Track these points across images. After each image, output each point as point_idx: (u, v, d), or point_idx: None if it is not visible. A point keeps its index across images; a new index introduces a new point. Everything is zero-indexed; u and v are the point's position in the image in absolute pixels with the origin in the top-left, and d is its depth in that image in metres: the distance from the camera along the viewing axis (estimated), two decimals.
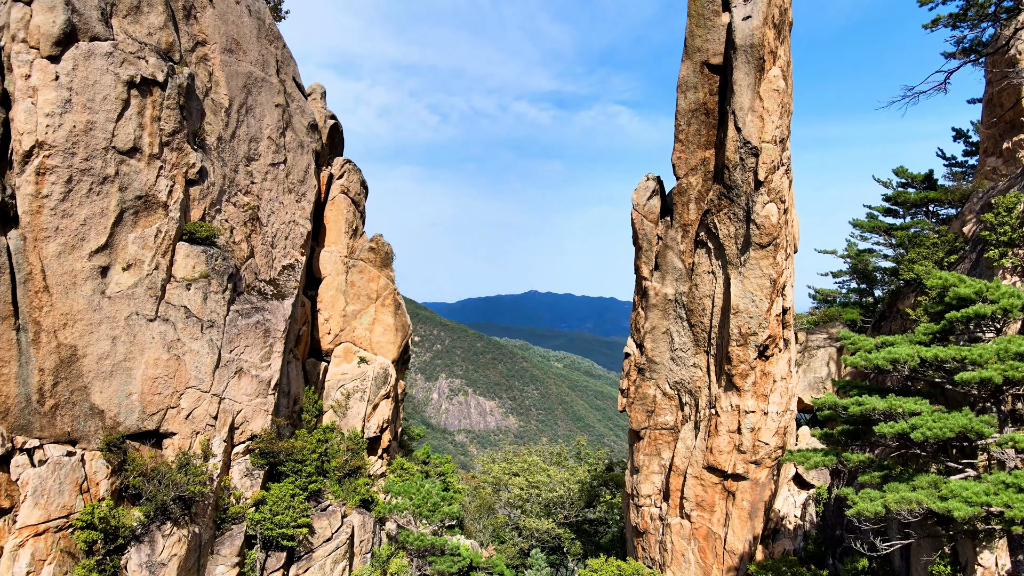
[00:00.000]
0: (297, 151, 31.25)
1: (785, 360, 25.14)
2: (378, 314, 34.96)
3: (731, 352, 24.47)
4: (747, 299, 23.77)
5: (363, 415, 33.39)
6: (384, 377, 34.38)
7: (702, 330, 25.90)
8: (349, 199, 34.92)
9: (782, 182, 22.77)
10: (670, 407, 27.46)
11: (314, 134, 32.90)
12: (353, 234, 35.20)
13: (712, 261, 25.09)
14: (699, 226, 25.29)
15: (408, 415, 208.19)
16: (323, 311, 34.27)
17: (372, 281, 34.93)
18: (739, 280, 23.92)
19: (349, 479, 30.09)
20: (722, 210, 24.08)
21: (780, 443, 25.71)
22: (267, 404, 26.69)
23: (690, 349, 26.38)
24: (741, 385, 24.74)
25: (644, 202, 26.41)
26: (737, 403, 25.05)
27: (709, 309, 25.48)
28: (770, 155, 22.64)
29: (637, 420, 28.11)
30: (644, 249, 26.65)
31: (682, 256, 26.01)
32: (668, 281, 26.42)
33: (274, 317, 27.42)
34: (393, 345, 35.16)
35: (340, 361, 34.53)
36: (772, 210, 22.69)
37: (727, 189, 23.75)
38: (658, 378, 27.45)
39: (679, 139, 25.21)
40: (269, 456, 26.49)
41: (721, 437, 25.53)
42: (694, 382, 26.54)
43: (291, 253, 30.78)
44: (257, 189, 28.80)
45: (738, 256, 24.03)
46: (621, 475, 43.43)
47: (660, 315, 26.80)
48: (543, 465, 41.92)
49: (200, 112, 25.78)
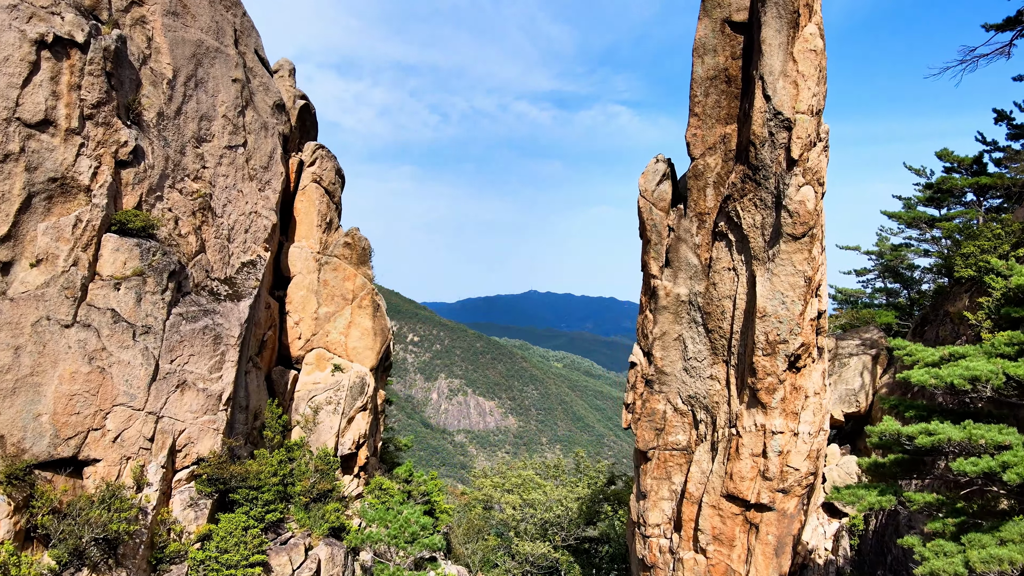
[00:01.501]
0: (259, 133, 27.30)
1: (819, 372, 21.18)
2: (354, 316, 31.01)
3: (756, 363, 20.53)
4: (776, 300, 19.82)
5: (336, 430, 29.45)
6: (361, 386, 30.44)
7: (721, 337, 21.95)
8: (322, 189, 30.96)
9: (820, 161, 18.82)
10: (682, 425, 23.51)
11: (280, 115, 28.93)
12: (327, 228, 31.26)
13: (733, 256, 21.12)
14: (718, 215, 21.33)
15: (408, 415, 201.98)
16: (292, 313, 30.31)
17: (348, 280, 30.98)
18: (767, 278, 19.97)
19: (317, 504, 26.13)
20: (746, 195, 20.11)
21: (812, 468, 21.76)
22: (217, 421, 22.75)
23: (706, 359, 22.42)
24: (767, 401, 20.79)
25: (653, 188, 22.38)
26: (762, 422, 21.10)
27: (729, 312, 21.53)
28: (805, 128, 18.69)
29: (644, 439, 24.16)
30: (653, 242, 22.66)
31: (697, 250, 22.05)
32: (681, 279, 22.46)
33: (227, 321, 23.48)
34: (371, 351, 31.20)
35: (312, 369, 30.59)
36: (808, 194, 18.73)
37: (753, 170, 19.79)
38: (669, 392, 23.50)
39: (694, 113, 21.22)
40: (218, 482, 22.55)
41: (743, 461, 21.59)
42: (711, 397, 22.58)
43: (252, 248, 26.82)
44: (210, 175, 24.85)
45: (765, 250, 20.06)
46: (623, 490, 39.43)
47: (671, 319, 22.85)
48: (539, 480, 37.97)
49: (135, 82, 21.83)
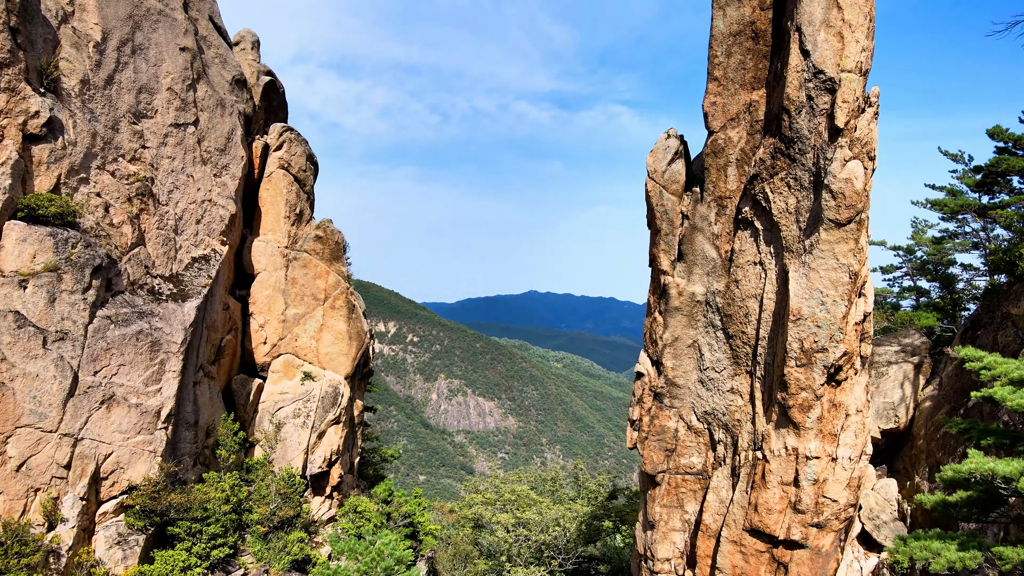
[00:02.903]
0: (215, 111, 23.74)
1: (862, 386, 17.61)
2: (327, 319, 27.45)
3: (787, 375, 16.96)
4: (814, 300, 16.23)
5: (305, 446, 25.87)
6: (334, 397, 26.87)
7: (744, 343, 18.38)
8: (290, 176, 27.40)
9: (869, 130, 15.27)
10: (697, 446, 19.94)
11: (241, 92, 25.37)
12: (297, 220, 27.70)
13: (760, 247, 17.55)
14: (742, 199, 17.75)
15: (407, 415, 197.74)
16: (257, 315, 26.75)
17: (319, 278, 27.41)
18: (802, 273, 16.39)
19: (278, 534, 22.56)
20: (777, 174, 16.53)
21: (852, 499, 18.19)
22: (153, 442, 19.20)
23: (726, 369, 18.85)
24: (801, 421, 17.22)
25: (663, 168, 18.80)
26: (794, 445, 17.52)
27: (754, 314, 17.95)
28: (853, 89, 15.14)
29: (653, 461, 20.58)
30: (663, 232, 19.07)
31: (716, 241, 18.48)
32: (696, 275, 18.89)
33: (168, 325, 19.92)
34: (346, 357, 27.64)
35: (279, 378, 27.02)
36: (855, 170, 15.16)
37: (786, 143, 16.22)
38: (681, 406, 19.93)
39: (714, 77, 17.66)
40: (154, 514, 19.00)
41: (770, 490, 18.00)
42: (731, 413, 19.01)
43: (206, 241, 23.26)
44: (151, 156, 21.30)
45: (800, 239, 16.49)
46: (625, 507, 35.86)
47: (685, 322, 19.28)
48: (534, 496, 34.33)
49: (52, 43, 18.28)
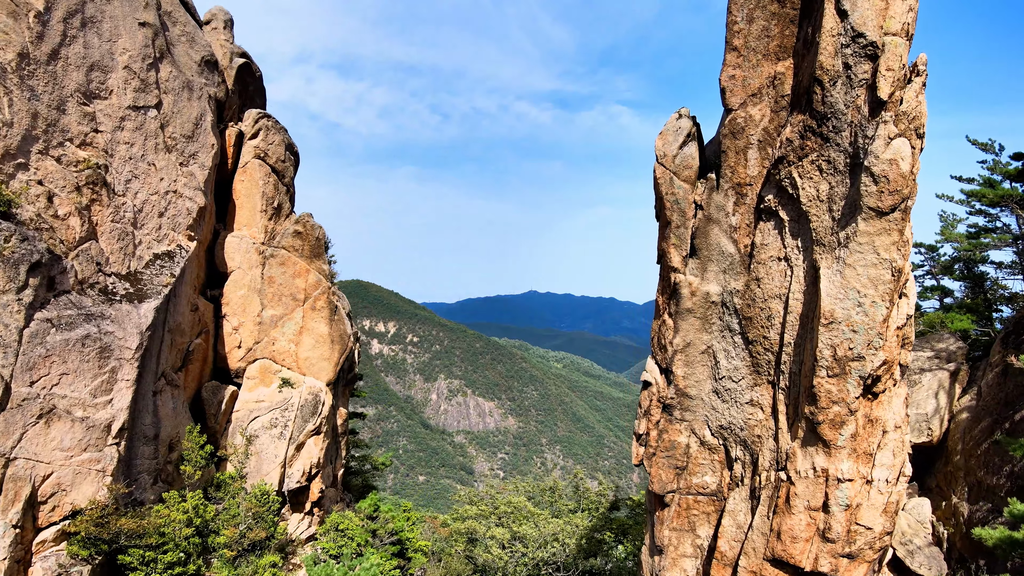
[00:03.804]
0: (180, 94, 21.52)
1: (901, 399, 15.37)
2: (307, 321, 25.23)
3: (817, 386, 14.73)
4: (849, 301, 13.99)
5: (283, 459, 23.65)
6: (314, 405, 24.64)
7: (765, 350, 16.14)
8: (267, 167, 25.17)
9: (917, 103, 13.05)
10: (711, 463, 17.70)
11: (211, 75, 23.14)
12: (275, 214, 25.48)
13: (785, 241, 15.30)
14: (764, 186, 15.51)
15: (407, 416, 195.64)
16: (230, 317, 24.53)
17: (298, 277, 25.19)
18: (835, 270, 14.15)
19: (248, 558, 20.35)
20: (807, 156, 14.29)
21: (888, 526, 15.93)
22: (102, 460, 16.99)
23: (745, 378, 16.61)
24: (832, 439, 14.98)
25: (674, 151, 16.54)
26: (824, 465, 15.29)
27: (778, 317, 15.71)
28: (898, 55, 12.91)
29: (661, 480, 18.34)
30: (674, 225, 16.81)
31: (734, 234, 16.23)
32: (711, 273, 16.65)
33: (120, 328, 17.70)
34: (328, 362, 25.42)
35: (255, 384, 24.79)
36: (901, 149, 12.93)
37: (818, 120, 13.98)
38: (693, 420, 17.69)
39: (733, 46, 15.42)
40: (101, 542, 16.76)
41: (796, 516, 15.76)
42: (750, 428, 16.77)
43: (170, 236, 21.03)
44: (105, 141, 19.07)
45: (834, 231, 14.24)
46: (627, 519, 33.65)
47: (698, 325, 17.03)
48: (531, 508, 32.09)
49: None
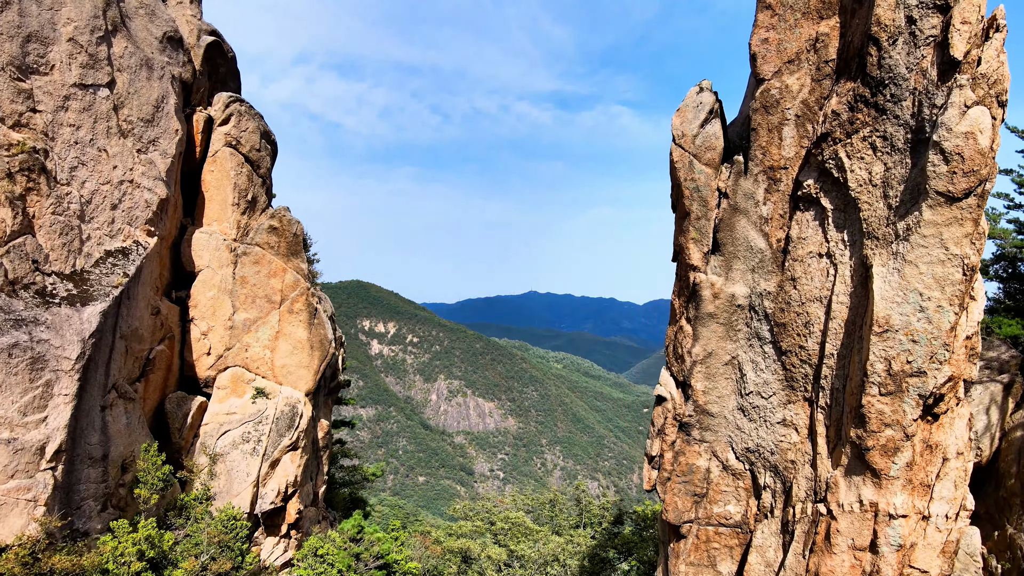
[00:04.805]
0: (138, 73, 19.11)
1: (964, 421, 12.95)
2: (284, 325, 22.82)
3: (867, 405, 12.32)
4: (910, 305, 11.58)
5: (255, 477, 21.24)
6: (291, 417, 22.23)
7: (802, 362, 13.72)
8: (240, 156, 22.75)
9: (999, 63, 10.67)
10: (735, 490, 15.27)
11: (175, 53, 20.73)
12: (248, 208, 23.06)
13: (828, 234, 12.88)
14: (802, 169, 13.09)
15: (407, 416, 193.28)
16: (199, 321, 22.12)
17: (274, 276, 22.78)
18: (892, 268, 11.74)
19: None
20: (857, 132, 11.88)
21: (947, 568, 13.52)
22: (33, 488, 14.58)
23: (776, 394, 14.19)
24: (883, 467, 12.57)
25: (694, 130, 14.10)
26: (872, 498, 12.87)
27: (818, 323, 13.29)
28: (976, 6, 10.53)
29: (676, 508, 15.91)
30: (694, 216, 14.39)
31: (765, 226, 13.80)
32: (738, 272, 14.23)
33: (57, 336, 15.29)
34: (307, 370, 23.02)
35: (226, 395, 22.38)
36: (980, 120, 10.54)
37: (872, 87, 11.57)
38: (715, 441, 15.27)
39: (766, 4, 12.99)
40: None
41: (837, 556, 13.36)
42: (783, 452, 14.34)
43: (125, 231, 18.62)
44: (45, 122, 16.66)
45: (891, 221, 11.82)
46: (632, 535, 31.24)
47: (722, 332, 14.61)
48: (530, 524, 29.65)
49: None
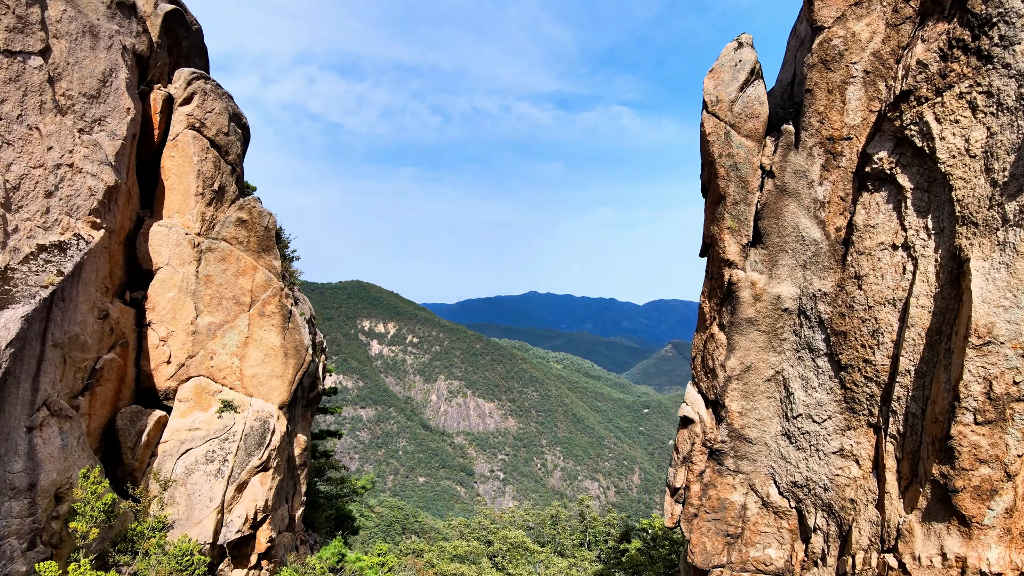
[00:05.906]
0: (80, 41, 16.47)
1: None
2: (254, 330, 20.17)
3: (957, 436, 9.65)
4: (1022, 311, 8.93)
5: (219, 503, 18.57)
6: (262, 434, 19.58)
7: (867, 379, 11.05)
8: (204, 140, 20.10)
9: None
10: (777, 532, 12.59)
11: (127, 20, 18.08)
12: (215, 199, 20.41)
13: (906, 220, 10.22)
14: (873, 139, 10.43)
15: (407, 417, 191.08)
16: (157, 325, 19.46)
17: (243, 275, 20.13)
18: (998, 263, 9.10)
19: None
20: (952, 87, 9.24)
21: None
22: None
23: (833, 418, 11.52)
24: (975, 513, 9.91)
25: (732, 95, 11.38)
26: (960, 551, 10.20)
27: (890, 332, 10.62)
28: None
29: (705, 550, 13.23)
30: (730, 200, 11.73)
31: (821, 211, 11.13)
32: (785, 268, 11.56)
33: None
34: (280, 380, 20.37)
35: (189, 408, 19.71)
36: None
37: (975, 29, 8.96)
38: (753, 472, 12.59)
39: None
40: None
41: None
42: (839, 489, 11.67)
43: (64, 222, 15.98)
44: None
45: (996, 203, 9.18)
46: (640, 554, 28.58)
47: (763, 342, 11.94)
48: (531, 545, 26.93)
49: None
